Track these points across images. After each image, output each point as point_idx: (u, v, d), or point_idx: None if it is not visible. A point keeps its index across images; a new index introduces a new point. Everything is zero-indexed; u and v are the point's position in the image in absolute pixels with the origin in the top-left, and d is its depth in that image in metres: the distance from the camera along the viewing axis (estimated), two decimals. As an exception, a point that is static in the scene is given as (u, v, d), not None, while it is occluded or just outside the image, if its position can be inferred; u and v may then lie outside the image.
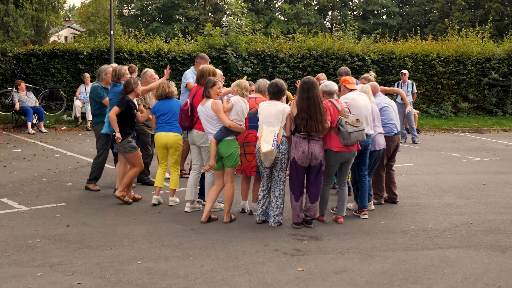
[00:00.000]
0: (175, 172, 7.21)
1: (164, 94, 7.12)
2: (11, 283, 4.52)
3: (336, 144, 6.19)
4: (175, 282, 4.59)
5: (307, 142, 6.02)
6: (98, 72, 8.07)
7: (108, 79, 7.82)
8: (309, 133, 6.00)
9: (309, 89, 6.00)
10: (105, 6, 38.61)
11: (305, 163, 6.05)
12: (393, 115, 7.25)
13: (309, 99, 5.97)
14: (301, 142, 6.03)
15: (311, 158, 6.02)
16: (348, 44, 18.57)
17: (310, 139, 6.03)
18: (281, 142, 6.03)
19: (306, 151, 6.00)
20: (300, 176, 6.13)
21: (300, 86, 6.10)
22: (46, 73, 16.68)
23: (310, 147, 6.01)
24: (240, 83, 6.32)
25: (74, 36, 48.46)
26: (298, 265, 5.05)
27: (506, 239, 5.97)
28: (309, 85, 6.05)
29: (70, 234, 5.85)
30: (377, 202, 7.35)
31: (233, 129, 6.14)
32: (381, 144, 6.89)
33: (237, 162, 6.25)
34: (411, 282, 4.72)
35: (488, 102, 18.98)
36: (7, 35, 17.46)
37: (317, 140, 6.07)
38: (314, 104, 5.98)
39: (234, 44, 17.31)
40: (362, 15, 51.02)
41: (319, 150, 6.06)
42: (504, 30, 35.19)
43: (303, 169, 6.10)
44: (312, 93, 5.99)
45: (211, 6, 48.18)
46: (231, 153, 6.16)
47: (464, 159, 11.21)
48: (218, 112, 6.14)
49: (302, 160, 6.03)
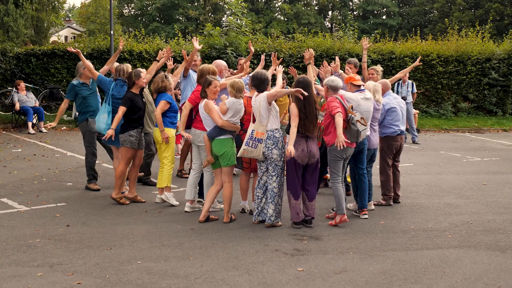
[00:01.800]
0: (164, 167, 7.08)
1: (157, 88, 7.09)
2: (11, 283, 4.52)
3: None
4: (175, 282, 4.59)
5: (305, 141, 6.08)
6: (77, 68, 8.00)
7: (87, 73, 7.81)
8: (306, 133, 6.05)
9: (304, 88, 5.99)
10: (105, 6, 38.62)
11: (304, 161, 6.08)
12: (399, 116, 7.20)
13: (305, 98, 5.97)
14: (300, 141, 6.04)
15: (309, 156, 6.07)
16: (348, 44, 18.57)
17: (308, 138, 6.09)
18: (268, 137, 6.02)
19: (305, 149, 6.05)
20: (298, 174, 6.13)
21: (295, 86, 6.11)
22: (46, 73, 16.68)
23: (308, 145, 6.07)
24: (233, 84, 6.19)
25: (74, 36, 48.44)
26: (298, 265, 5.05)
27: (506, 239, 5.97)
28: (304, 84, 6.08)
29: (70, 234, 5.85)
30: (385, 203, 7.30)
31: (227, 128, 6.14)
32: (375, 143, 6.94)
33: (232, 161, 6.21)
34: (411, 282, 4.72)
35: (488, 102, 18.98)
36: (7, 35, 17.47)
37: (313, 138, 6.15)
38: (309, 103, 6.04)
39: (234, 44, 17.32)
40: (362, 15, 51.03)
41: (316, 149, 6.15)
42: (504, 30, 35.19)
43: (300, 168, 6.12)
44: (307, 92, 5.99)
45: (211, 6, 48.18)
46: (224, 152, 6.15)
47: (464, 159, 11.21)
48: (210, 112, 6.16)
49: (302, 158, 6.04)
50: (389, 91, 7.37)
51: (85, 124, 7.83)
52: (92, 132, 7.84)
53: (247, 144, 5.97)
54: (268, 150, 6.05)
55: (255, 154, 6.00)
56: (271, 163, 6.11)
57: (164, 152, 7.11)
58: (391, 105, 7.15)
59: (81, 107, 7.85)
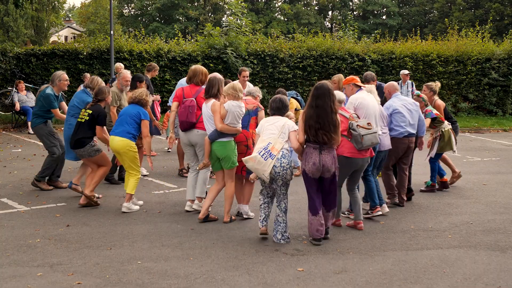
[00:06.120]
0: (130, 176, 6.76)
1: (139, 100, 6.84)
2: (11, 283, 4.52)
3: (349, 150, 5.94)
4: (175, 282, 4.59)
5: (318, 152, 5.54)
6: (52, 77, 8.01)
7: (62, 85, 7.92)
8: (320, 143, 5.55)
9: (319, 97, 5.55)
10: (105, 6, 38.62)
11: (316, 175, 5.58)
12: (405, 119, 7.05)
13: (318, 107, 5.52)
14: (312, 153, 5.55)
15: (322, 170, 5.54)
16: (348, 44, 18.58)
17: (322, 149, 5.54)
18: (283, 156, 5.56)
19: (317, 162, 5.51)
20: (313, 188, 5.65)
21: (312, 92, 5.68)
22: (46, 73, 16.66)
23: (321, 159, 5.52)
24: (234, 85, 6.20)
25: (74, 36, 48.45)
26: (298, 265, 5.05)
27: (506, 239, 5.97)
28: (320, 92, 5.58)
29: (70, 234, 5.85)
30: (390, 202, 7.25)
31: (225, 131, 6.09)
32: (386, 145, 6.76)
33: (234, 164, 6.19)
34: (411, 282, 4.72)
35: (488, 102, 18.98)
36: (7, 35, 17.48)
37: (329, 150, 5.57)
38: (325, 113, 5.50)
39: (234, 44, 17.32)
40: (362, 15, 51.02)
41: (331, 162, 5.56)
42: (504, 30, 35.19)
43: (314, 181, 5.64)
44: (323, 101, 5.52)
45: (211, 6, 48.20)
46: (226, 155, 6.12)
47: (464, 159, 11.20)
48: (214, 114, 6.13)
49: (313, 172, 5.55)
50: (396, 92, 7.30)
51: (43, 127, 7.86)
52: (53, 132, 7.94)
53: (259, 153, 5.52)
54: (283, 170, 5.56)
55: (261, 166, 5.49)
56: (284, 184, 5.67)
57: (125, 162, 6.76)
58: (394, 107, 7.06)
59: (43, 111, 7.85)
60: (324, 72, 18.03)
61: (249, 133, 6.53)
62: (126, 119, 6.75)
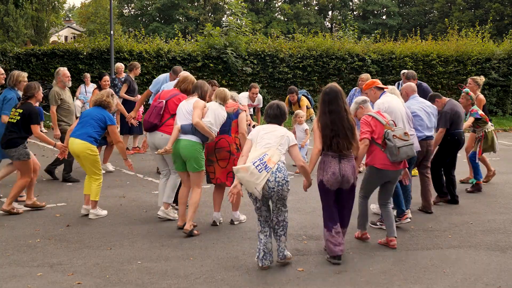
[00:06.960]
0: (92, 181, 6.48)
1: (100, 102, 6.54)
2: (11, 283, 4.52)
3: (381, 161, 5.52)
4: (175, 282, 4.59)
5: (337, 161, 5.06)
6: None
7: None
8: (339, 152, 5.08)
9: (331, 102, 5.10)
10: (105, 6, 38.61)
11: (334, 186, 5.10)
12: (422, 122, 6.75)
13: (332, 112, 5.07)
14: (331, 162, 5.07)
15: (342, 181, 5.07)
16: (348, 44, 18.60)
17: (341, 158, 5.08)
18: (278, 169, 4.83)
19: (337, 172, 5.04)
20: (330, 201, 5.17)
21: (322, 97, 5.21)
22: (46, 73, 16.69)
23: (341, 168, 5.05)
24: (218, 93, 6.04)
25: (74, 36, 48.45)
26: (298, 265, 5.05)
27: (506, 239, 5.96)
28: (332, 96, 5.12)
29: (70, 234, 5.85)
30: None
31: (199, 129, 5.75)
32: (415, 147, 6.13)
33: (200, 167, 5.87)
34: (411, 282, 4.72)
35: (488, 102, 18.97)
36: (7, 35, 17.48)
37: (349, 159, 5.12)
38: (340, 118, 5.07)
39: (234, 44, 17.33)
40: (362, 15, 51.04)
41: (351, 172, 5.10)
42: (504, 30, 35.21)
43: (332, 193, 5.15)
44: (336, 105, 5.10)
45: (211, 6, 48.21)
46: (191, 157, 5.80)
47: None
48: (195, 108, 5.84)
49: (332, 183, 5.06)
50: (414, 94, 6.97)
51: None
52: None
53: (254, 163, 4.78)
54: (278, 186, 4.83)
55: (254, 179, 4.75)
56: (280, 199, 4.95)
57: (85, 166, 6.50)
58: (412, 110, 6.67)
59: None
60: (324, 72, 18.05)
61: (231, 138, 6.18)
62: (89, 121, 6.43)
